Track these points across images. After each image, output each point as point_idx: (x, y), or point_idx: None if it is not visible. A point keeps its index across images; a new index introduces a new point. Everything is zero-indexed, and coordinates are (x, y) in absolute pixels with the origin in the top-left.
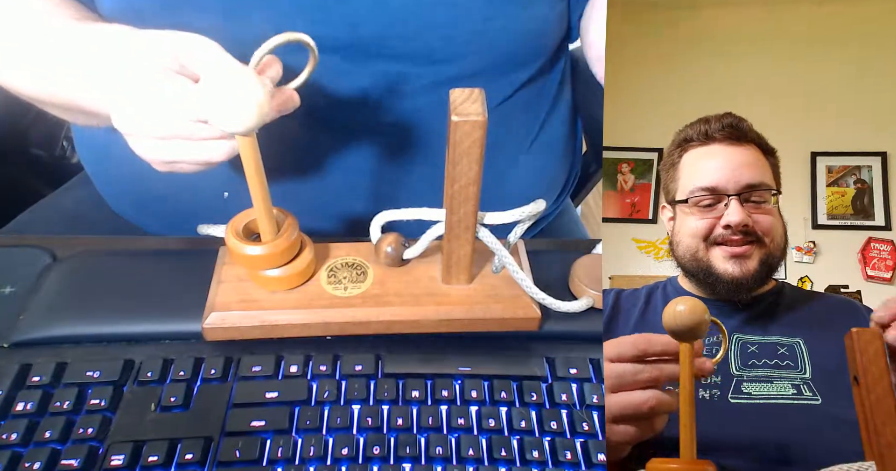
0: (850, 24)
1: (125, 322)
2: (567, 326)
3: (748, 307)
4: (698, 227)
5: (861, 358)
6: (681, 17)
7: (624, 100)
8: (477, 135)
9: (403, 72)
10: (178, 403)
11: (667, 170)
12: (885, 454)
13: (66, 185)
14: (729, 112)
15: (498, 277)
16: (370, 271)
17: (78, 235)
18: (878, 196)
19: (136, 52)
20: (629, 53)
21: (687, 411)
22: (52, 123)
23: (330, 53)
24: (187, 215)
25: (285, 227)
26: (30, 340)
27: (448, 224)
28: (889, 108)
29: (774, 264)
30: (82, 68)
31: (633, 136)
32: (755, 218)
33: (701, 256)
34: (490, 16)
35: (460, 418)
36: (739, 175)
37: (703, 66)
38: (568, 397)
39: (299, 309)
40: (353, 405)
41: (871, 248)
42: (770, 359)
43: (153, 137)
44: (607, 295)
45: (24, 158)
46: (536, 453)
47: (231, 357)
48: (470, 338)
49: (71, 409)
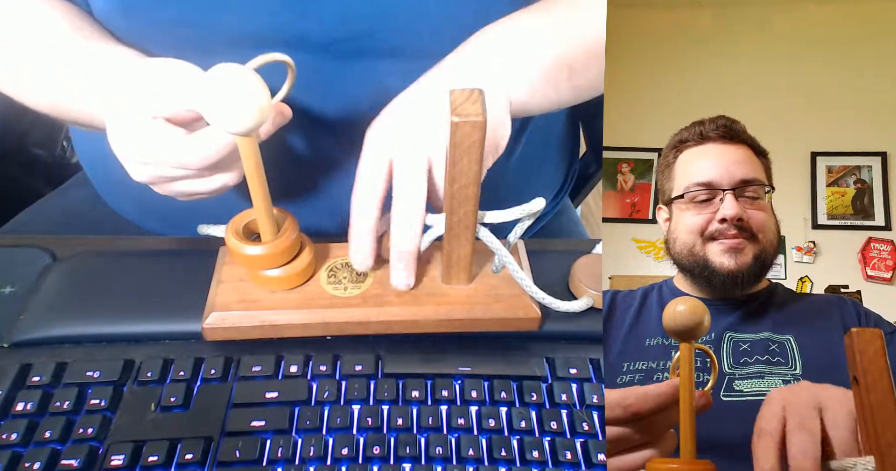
0: (850, 24)
1: (125, 322)
2: (567, 326)
3: (741, 306)
4: (694, 222)
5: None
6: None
7: (624, 100)
8: (477, 135)
9: (395, 68)
10: (178, 403)
11: (662, 171)
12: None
13: (65, 184)
14: (722, 114)
15: (498, 277)
16: (370, 271)
17: (78, 234)
18: (878, 196)
19: (134, 84)
20: (629, 53)
21: (687, 412)
22: (51, 123)
23: (321, 50)
24: (187, 215)
25: (285, 227)
26: (30, 340)
27: (448, 224)
28: (889, 109)
29: (768, 260)
30: (83, 88)
31: (633, 136)
32: (749, 214)
33: (697, 251)
34: (481, 10)
35: (460, 418)
36: (734, 171)
37: (703, 66)
38: (568, 397)
39: (299, 309)
40: (353, 405)
41: (871, 248)
42: (762, 355)
43: (144, 173)
44: (604, 296)
45: (24, 157)
46: (536, 453)
47: (231, 357)
48: (470, 338)
49: (71, 409)
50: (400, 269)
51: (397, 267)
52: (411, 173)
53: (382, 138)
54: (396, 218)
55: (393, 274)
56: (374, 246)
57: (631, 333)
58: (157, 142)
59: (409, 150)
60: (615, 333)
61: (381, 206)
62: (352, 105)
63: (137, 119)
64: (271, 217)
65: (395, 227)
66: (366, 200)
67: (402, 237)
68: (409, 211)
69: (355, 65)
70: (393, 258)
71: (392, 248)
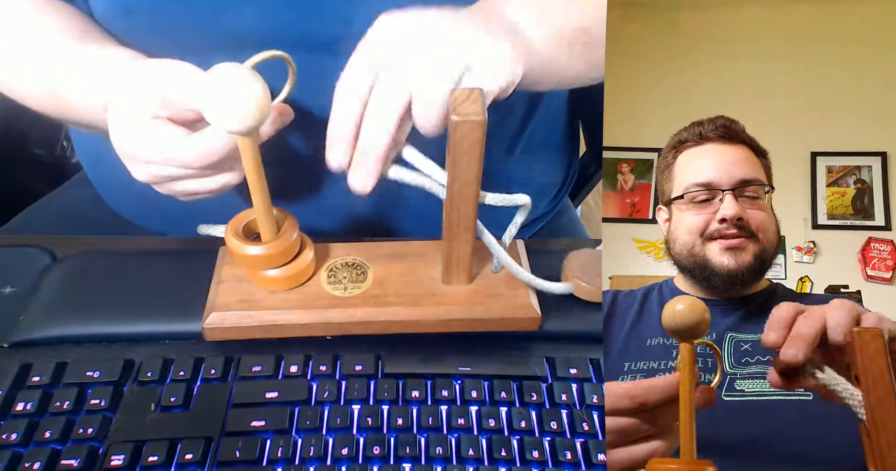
0: (850, 24)
1: (125, 322)
2: (567, 326)
3: (742, 306)
4: (694, 223)
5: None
6: (681, 17)
7: (624, 100)
8: (477, 135)
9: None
10: (178, 403)
11: (662, 171)
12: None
13: (65, 184)
14: (721, 115)
15: (498, 277)
16: (370, 271)
17: (78, 233)
18: (878, 196)
19: (135, 85)
20: (629, 53)
21: (687, 412)
22: (51, 123)
23: (323, 50)
24: (187, 215)
25: (285, 227)
26: (30, 340)
27: (448, 224)
28: (889, 109)
29: (768, 260)
30: (84, 89)
31: (633, 136)
32: (749, 213)
33: (697, 251)
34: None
35: (460, 418)
36: (733, 171)
37: (702, 66)
38: (568, 397)
39: (299, 309)
40: (353, 405)
41: (871, 248)
42: (763, 356)
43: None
44: (605, 296)
45: (24, 157)
46: (536, 453)
47: (231, 357)
48: (470, 338)
49: (71, 409)
50: (359, 167)
51: (358, 164)
52: (397, 74)
53: (380, 38)
54: (370, 110)
55: (351, 174)
56: (352, 144)
57: (632, 332)
58: (158, 142)
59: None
60: (616, 332)
61: (364, 100)
62: None
63: (139, 119)
64: (271, 217)
65: (366, 118)
66: (349, 91)
67: (371, 131)
68: (385, 107)
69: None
70: (356, 156)
71: (359, 143)
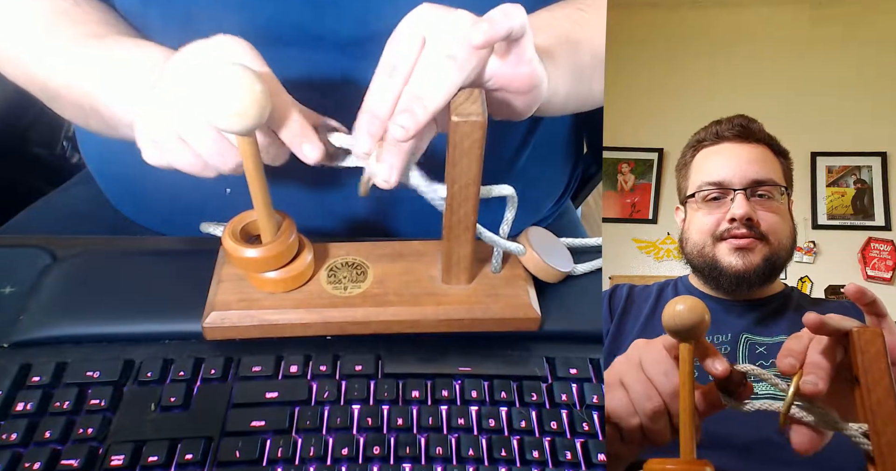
0: (850, 25)
1: (125, 322)
2: (567, 326)
3: (757, 308)
4: (706, 223)
5: (861, 358)
6: (681, 17)
7: (624, 100)
8: (477, 135)
9: None
10: (178, 403)
11: (679, 170)
12: (885, 454)
13: (66, 183)
14: (740, 114)
15: (498, 277)
16: (370, 271)
17: (78, 233)
18: (878, 196)
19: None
20: (629, 53)
21: (686, 411)
22: (52, 123)
23: (339, 50)
24: (189, 213)
25: (282, 229)
26: (30, 340)
27: (448, 224)
28: (889, 109)
29: (779, 264)
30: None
31: (633, 136)
32: (760, 215)
33: (707, 252)
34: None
35: (460, 418)
36: (746, 170)
37: (703, 66)
38: (568, 397)
39: (299, 309)
40: (353, 405)
41: (871, 248)
42: None
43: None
44: (621, 289)
45: (25, 157)
46: (536, 453)
47: (231, 357)
48: (470, 338)
49: (71, 409)
50: (385, 160)
51: (384, 157)
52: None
53: (423, 18)
54: (405, 98)
55: (378, 167)
56: (380, 132)
57: (646, 327)
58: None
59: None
60: (630, 326)
61: (401, 88)
62: (359, 104)
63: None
64: (272, 217)
65: (399, 108)
66: (385, 77)
67: (402, 121)
68: (423, 96)
69: (372, 65)
70: (385, 148)
71: (388, 135)
